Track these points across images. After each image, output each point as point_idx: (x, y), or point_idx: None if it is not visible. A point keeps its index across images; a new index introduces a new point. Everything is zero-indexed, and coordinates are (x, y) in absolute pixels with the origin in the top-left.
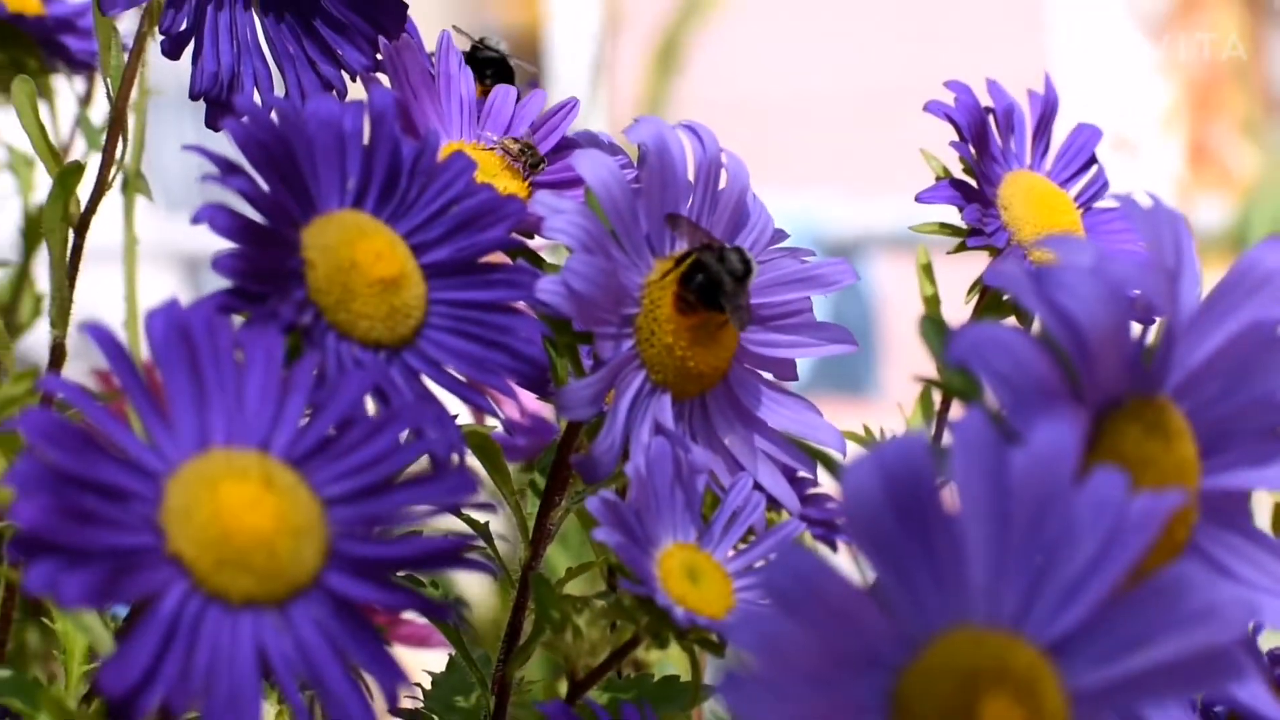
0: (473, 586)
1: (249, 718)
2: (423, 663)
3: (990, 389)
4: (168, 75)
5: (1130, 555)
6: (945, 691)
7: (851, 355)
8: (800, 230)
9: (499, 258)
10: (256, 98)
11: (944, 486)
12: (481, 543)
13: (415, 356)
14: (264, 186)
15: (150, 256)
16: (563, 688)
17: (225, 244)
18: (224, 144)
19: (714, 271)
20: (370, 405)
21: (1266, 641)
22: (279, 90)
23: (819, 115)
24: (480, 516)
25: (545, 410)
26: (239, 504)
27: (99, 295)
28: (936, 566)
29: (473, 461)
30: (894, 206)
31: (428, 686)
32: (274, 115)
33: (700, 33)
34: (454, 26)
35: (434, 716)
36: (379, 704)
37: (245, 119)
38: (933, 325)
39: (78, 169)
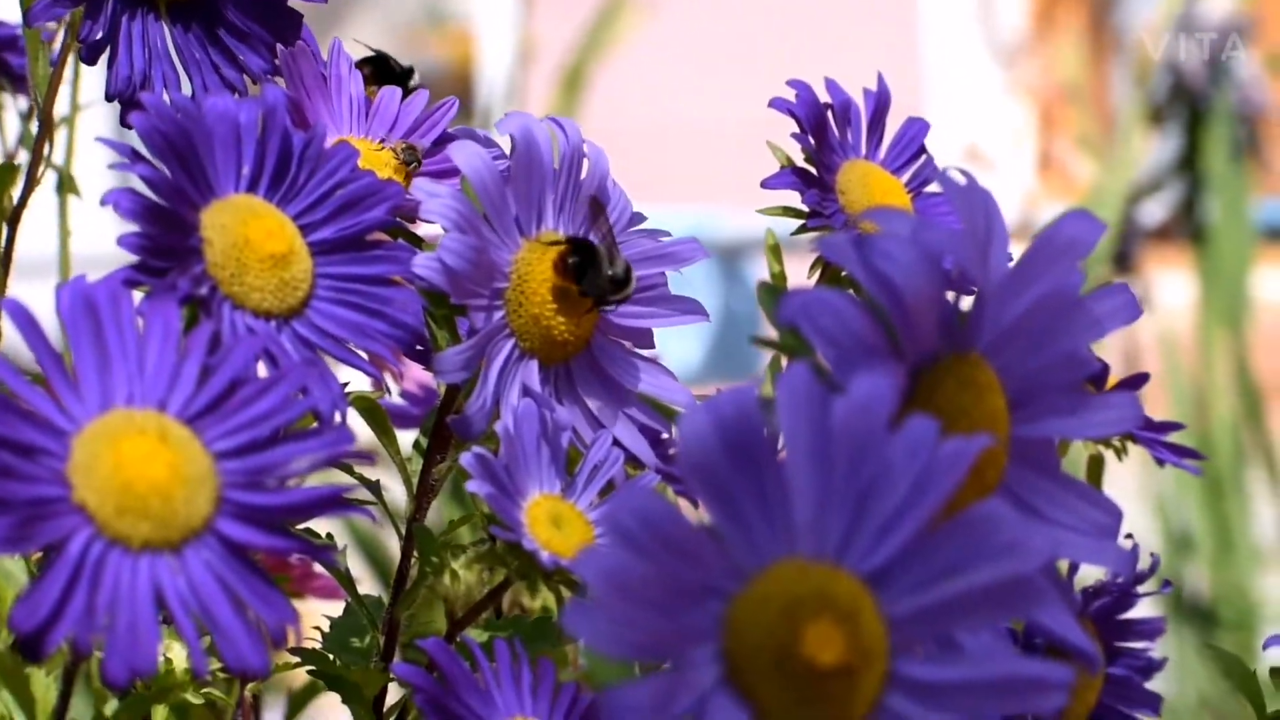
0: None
1: (147, 650)
2: (332, 611)
3: (816, 346)
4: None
5: (941, 493)
6: (773, 616)
7: (741, 346)
8: (696, 237)
9: (382, 237)
10: (165, 98)
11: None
12: (365, 492)
13: (303, 325)
14: (166, 172)
15: (93, 263)
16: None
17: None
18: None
19: (600, 263)
20: (261, 369)
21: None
22: (187, 92)
23: (709, 138)
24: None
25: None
26: (137, 457)
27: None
28: (765, 505)
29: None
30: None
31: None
32: (176, 110)
33: (603, 65)
34: (355, 39)
35: (330, 655)
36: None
37: (149, 112)
38: (768, 291)
39: (11, 168)
